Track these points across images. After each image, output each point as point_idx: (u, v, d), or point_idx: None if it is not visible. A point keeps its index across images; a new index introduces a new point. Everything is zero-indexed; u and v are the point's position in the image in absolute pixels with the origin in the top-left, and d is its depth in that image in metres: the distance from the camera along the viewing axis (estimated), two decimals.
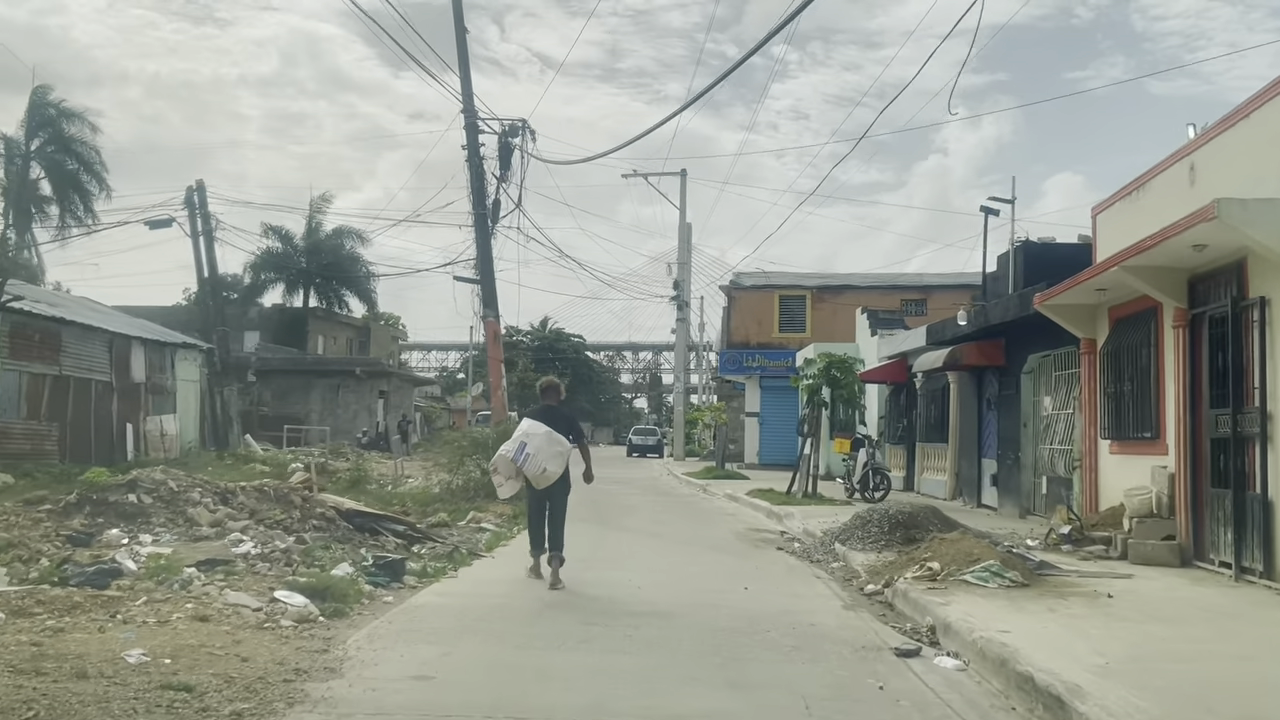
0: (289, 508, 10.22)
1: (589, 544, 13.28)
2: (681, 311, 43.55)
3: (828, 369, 20.47)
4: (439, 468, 20.78)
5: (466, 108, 20.37)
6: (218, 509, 9.33)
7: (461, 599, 8.42)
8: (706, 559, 11.93)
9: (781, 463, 34.02)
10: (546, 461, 9.48)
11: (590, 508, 19.21)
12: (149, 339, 24.06)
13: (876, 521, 12.24)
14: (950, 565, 9.41)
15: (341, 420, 46.75)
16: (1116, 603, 8.19)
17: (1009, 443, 16.97)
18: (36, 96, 47.67)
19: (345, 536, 10.40)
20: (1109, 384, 12.81)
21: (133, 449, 22.55)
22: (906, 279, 37.99)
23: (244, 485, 10.13)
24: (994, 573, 8.99)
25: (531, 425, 9.72)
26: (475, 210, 20.05)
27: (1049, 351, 15.56)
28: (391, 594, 8.53)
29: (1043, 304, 13.53)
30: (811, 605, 8.80)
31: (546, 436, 9.48)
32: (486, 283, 20.12)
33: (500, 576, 9.88)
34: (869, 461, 19.78)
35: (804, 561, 11.91)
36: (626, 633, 7.24)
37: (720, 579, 10.23)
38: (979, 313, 17.03)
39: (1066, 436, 14.66)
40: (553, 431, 9.53)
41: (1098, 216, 13.64)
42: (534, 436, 9.44)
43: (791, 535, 14.69)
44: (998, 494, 17.51)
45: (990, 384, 18.20)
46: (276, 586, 7.80)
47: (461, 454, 19.20)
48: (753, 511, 19.11)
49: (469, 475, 18.30)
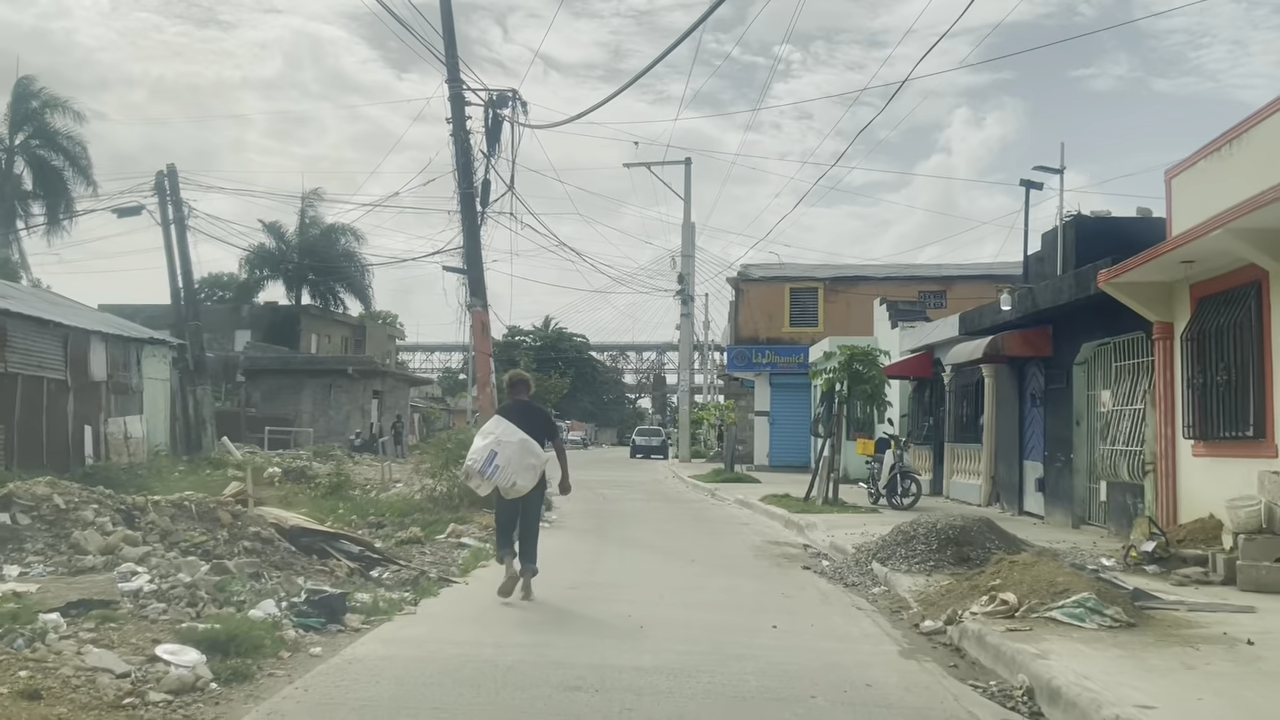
0: (214, 527, 8.37)
1: (585, 562, 11.45)
2: (686, 306, 41.75)
3: (849, 362, 18.58)
4: (422, 473, 18.95)
5: (451, 76, 18.51)
6: (115, 531, 7.50)
7: (412, 649, 6.55)
8: (721, 582, 10.06)
9: (793, 464, 32.20)
10: (517, 475, 8.23)
11: (589, 517, 17.40)
12: (111, 333, 22.19)
13: (922, 537, 10.36)
14: (1029, 597, 7.54)
15: (334, 421, 45.01)
16: (1266, 651, 6.31)
17: (1058, 443, 15.07)
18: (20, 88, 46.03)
19: (284, 561, 8.54)
20: (1193, 374, 10.92)
21: (91, 453, 20.71)
22: (925, 269, 36.04)
23: (158, 500, 8.28)
24: (1090, 609, 7.12)
25: (503, 429, 8.33)
26: (460, 189, 18.18)
27: (1108, 339, 13.67)
28: (324, 641, 6.66)
29: (1109, 282, 11.65)
30: (861, 652, 6.93)
31: (520, 446, 8.24)
32: (474, 269, 18.26)
33: (469, 612, 8.01)
34: (897, 464, 17.87)
35: (837, 585, 10.03)
36: (624, 704, 5.38)
37: (741, 612, 8.36)
38: (1024, 297, 15.13)
39: (1133, 436, 12.76)
40: (528, 440, 8.33)
41: (1173, 180, 11.75)
42: (505, 445, 8.21)
43: (817, 550, 12.83)
44: (1044, 500, 15.60)
45: (1034, 377, 16.29)
46: (165, 637, 5.95)
47: (446, 457, 17.36)
48: (768, 520, 17.25)
49: (453, 480, 16.45)
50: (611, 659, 6.44)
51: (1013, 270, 31.62)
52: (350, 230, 54.09)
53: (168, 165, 25.78)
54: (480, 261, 18.46)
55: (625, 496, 22.65)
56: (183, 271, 25.30)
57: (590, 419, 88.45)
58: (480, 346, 18.03)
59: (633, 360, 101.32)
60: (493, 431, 8.39)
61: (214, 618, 6.44)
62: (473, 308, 17.98)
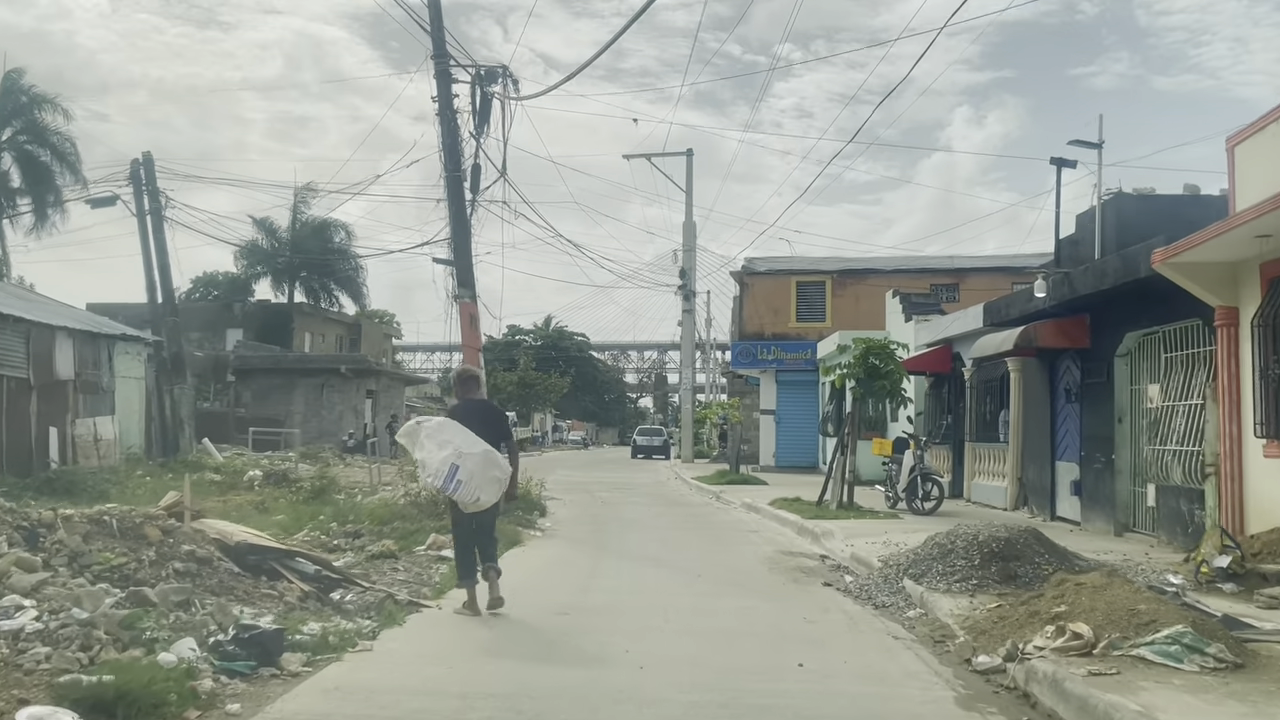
0: (140, 546, 7.11)
1: (578, 578, 10.21)
2: (688, 302, 40.53)
3: (865, 356, 17.30)
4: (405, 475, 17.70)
5: (437, 52, 17.26)
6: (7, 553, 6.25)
7: (357, 704, 5.30)
8: (732, 604, 8.79)
9: (800, 465, 30.97)
10: (481, 489, 7.52)
11: (585, 523, 16.13)
12: (78, 329, 20.91)
13: (961, 550, 9.09)
14: (1107, 628, 6.28)
15: (326, 422, 43.83)
16: None
17: (1097, 442, 13.80)
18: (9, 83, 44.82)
19: (223, 585, 7.29)
20: (1265, 364, 9.66)
21: (57, 457, 19.43)
22: (937, 261, 34.66)
23: (70, 515, 7.04)
24: (1188, 646, 5.85)
25: (463, 440, 7.51)
26: (447, 171, 16.91)
27: (1156, 327, 12.41)
28: (249, 693, 5.40)
29: (1165, 262, 10.37)
30: (908, 699, 5.68)
31: (483, 459, 7.50)
32: (461, 257, 17.01)
33: (435, 648, 6.74)
34: (917, 465, 16.60)
35: (866, 606, 8.77)
36: None
37: (759, 645, 7.09)
38: (1060, 282, 13.85)
39: (1189, 435, 11.48)
40: (491, 451, 7.65)
41: (1236, 149, 10.49)
42: (467, 458, 7.47)
43: (837, 562, 11.56)
44: (1080, 505, 14.33)
45: (1068, 371, 15.01)
46: (37, 695, 4.70)
47: None
48: (779, 526, 15.98)
49: None
50: (605, 713, 5.19)
51: (1029, 262, 30.39)
52: (343, 226, 52.95)
53: (143, 153, 24.57)
54: (469, 250, 17.21)
55: (625, 500, 21.37)
56: (159, 265, 24.05)
57: (591, 419, 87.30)
58: (469, 340, 16.77)
59: (634, 359, 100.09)
60: (450, 441, 7.51)
61: (109, 665, 5.18)
62: (460, 299, 16.72)
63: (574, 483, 25.43)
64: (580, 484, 25.46)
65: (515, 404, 61.60)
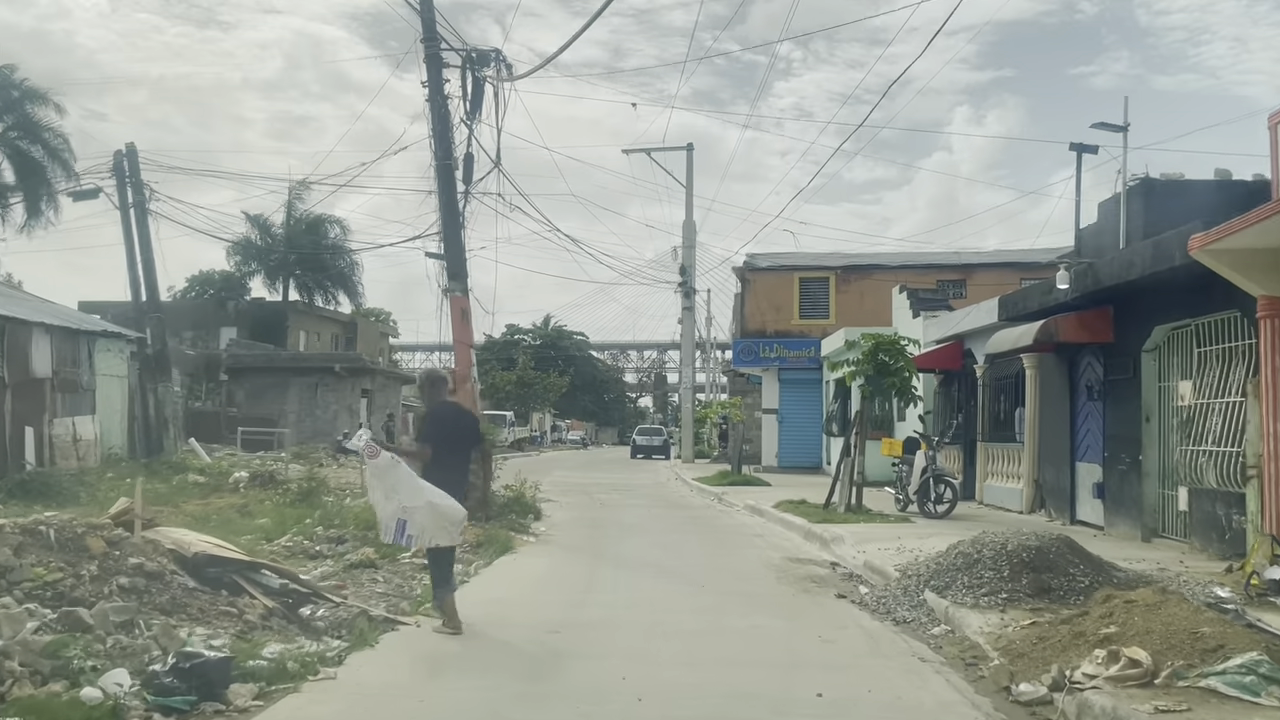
0: (81, 559, 6.38)
1: (572, 590, 9.46)
2: (688, 299, 39.73)
3: (874, 353, 16.58)
4: None
5: (427, 35, 16.49)
6: None
7: None
8: (739, 620, 8.05)
9: (804, 465, 30.22)
10: (436, 537, 7.08)
11: (582, 528, 15.38)
12: (57, 326, 20.15)
13: (989, 561, 8.36)
14: (1168, 653, 5.55)
15: (321, 421, 43.10)
16: None
17: (1122, 442, 13.05)
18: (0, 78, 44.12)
19: (175, 603, 6.55)
20: None
21: (33, 458, 18.69)
22: (943, 257, 33.88)
23: (2, 526, 6.31)
24: (1265, 676, 5.12)
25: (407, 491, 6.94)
26: (437, 159, 16.15)
27: (1187, 320, 11.67)
28: None
29: (1204, 249, 9.61)
30: None
31: (428, 511, 6.92)
32: (453, 249, 16.23)
33: (408, 675, 6.01)
34: (929, 466, 15.85)
35: (885, 622, 8.02)
36: None
37: (771, 670, 6.35)
38: (1083, 273, 13.10)
39: (1226, 435, 10.74)
40: (435, 504, 6.95)
41: (1278, 125, 9.75)
42: (413, 512, 6.91)
43: (849, 570, 10.83)
44: (1104, 509, 13.58)
45: (1089, 367, 14.26)
46: None
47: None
48: (785, 530, 15.24)
49: None
50: None
51: (1037, 258, 29.68)
52: (337, 222, 52.22)
53: (126, 145, 23.77)
54: (460, 241, 16.44)
55: (624, 502, 20.63)
56: (144, 259, 23.27)
57: (590, 418, 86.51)
58: (460, 335, 16.01)
59: (634, 359, 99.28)
60: (396, 491, 6.93)
61: (19, 704, 4.45)
62: (451, 292, 15.95)
63: (571, 484, 24.70)
64: (578, 485, 24.73)
65: (514, 403, 60.85)
